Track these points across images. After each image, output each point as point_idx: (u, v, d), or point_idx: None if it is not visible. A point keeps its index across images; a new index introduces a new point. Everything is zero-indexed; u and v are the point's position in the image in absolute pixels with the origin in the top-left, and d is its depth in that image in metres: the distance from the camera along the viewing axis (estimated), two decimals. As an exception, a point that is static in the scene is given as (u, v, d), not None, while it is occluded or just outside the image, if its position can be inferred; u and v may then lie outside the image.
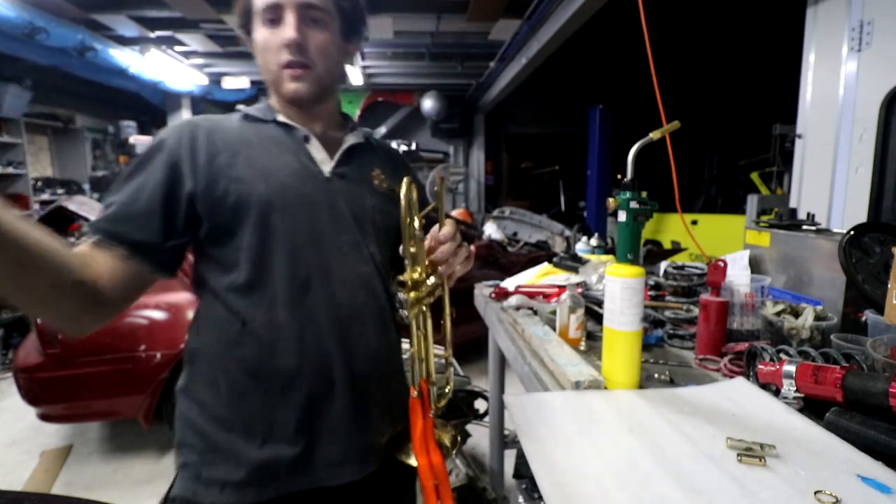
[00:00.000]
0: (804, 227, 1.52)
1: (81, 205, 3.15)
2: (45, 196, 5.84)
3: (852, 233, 1.20)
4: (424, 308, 0.77)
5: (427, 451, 0.75)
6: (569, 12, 3.61)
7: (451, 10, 4.31)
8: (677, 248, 5.64)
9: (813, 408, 0.83)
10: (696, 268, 1.60)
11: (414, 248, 0.76)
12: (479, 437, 2.39)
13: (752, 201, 3.56)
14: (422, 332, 0.78)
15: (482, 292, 1.72)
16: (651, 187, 0.92)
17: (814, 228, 1.50)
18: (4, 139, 5.28)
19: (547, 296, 1.54)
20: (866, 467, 0.66)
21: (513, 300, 1.50)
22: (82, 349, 2.31)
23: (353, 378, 0.84)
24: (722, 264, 1.12)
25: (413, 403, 0.78)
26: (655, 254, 4.68)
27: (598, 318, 1.28)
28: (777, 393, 0.88)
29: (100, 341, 2.33)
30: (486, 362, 1.88)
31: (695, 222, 6.21)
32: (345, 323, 0.83)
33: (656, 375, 1.02)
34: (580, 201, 8.22)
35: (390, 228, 0.92)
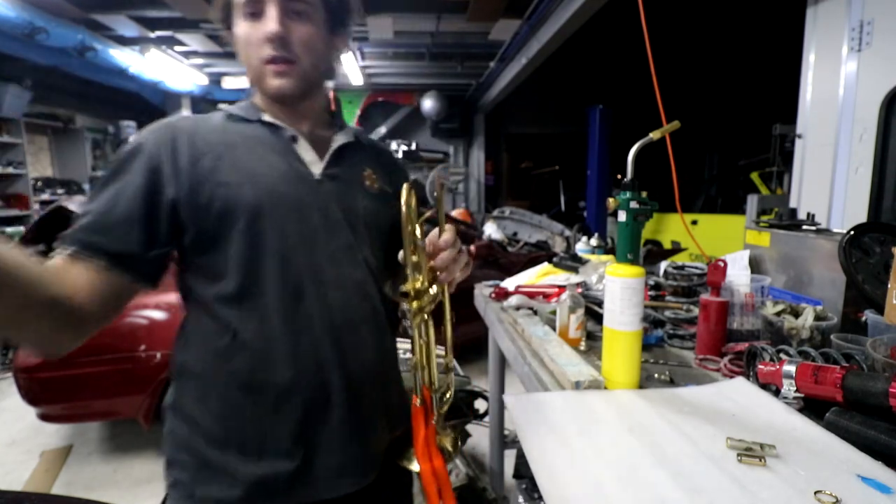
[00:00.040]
0: (804, 227, 1.52)
1: (82, 205, 3.15)
2: (45, 196, 5.85)
3: (852, 233, 1.20)
4: (426, 316, 0.75)
5: (430, 456, 0.74)
6: (569, 12, 3.62)
7: (451, 10, 4.31)
8: (677, 248, 5.64)
9: (813, 408, 0.83)
10: (696, 268, 1.60)
11: (416, 257, 0.74)
12: (479, 437, 2.39)
13: (752, 201, 3.57)
14: (424, 339, 0.76)
15: (482, 292, 1.72)
16: (651, 187, 0.92)
17: (814, 228, 1.50)
18: (4, 139, 5.29)
19: (547, 296, 1.54)
20: (866, 467, 0.66)
21: (513, 300, 1.50)
22: (82, 349, 2.30)
23: (350, 387, 0.81)
24: (722, 264, 1.12)
25: (415, 411, 0.76)
26: (655, 254, 4.67)
27: (598, 318, 1.28)
28: (777, 393, 0.88)
29: (100, 341, 2.33)
30: (486, 362, 1.88)
31: (695, 222, 6.21)
32: (340, 331, 0.81)
33: (656, 375, 1.02)
34: (580, 201, 8.22)
35: (383, 230, 0.90)
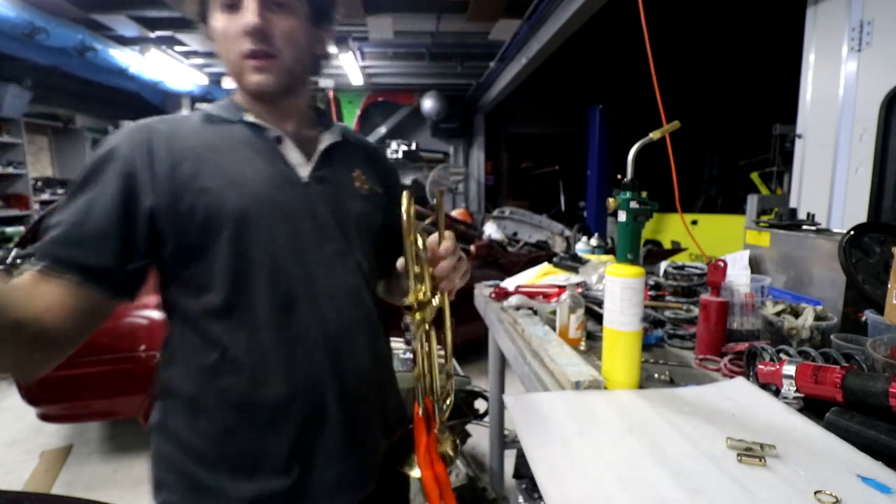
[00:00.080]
0: (804, 227, 1.52)
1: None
2: (45, 196, 5.85)
3: (852, 233, 1.20)
4: (427, 326, 0.73)
5: (431, 463, 0.72)
6: (569, 12, 3.62)
7: (451, 10, 4.31)
8: (677, 248, 5.64)
9: (813, 408, 0.83)
10: (696, 268, 1.60)
11: (418, 269, 0.72)
12: (479, 437, 2.39)
13: (752, 201, 3.57)
14: (426, 349, 0.74)
15: (482, 292, 1.72)
16: (651, 187, 0.92)
17: (814, 228, 1.50)
18: (4, 139, 5.29)
19: (547, 296, 1.53)
20: (866, 467, 0.66)
21: (513, 300, 1.50)
22: (82, 349, 2.30)
23: (346, 398, 0.78)
24: (722, 264, 1.12)
25: (417, 420, 0.74)
26: (655, 254, 4.68)
27: (598, 318, 1.28)
28: (777, 393, 0.88)
29: (100, 341, 2.32)
30: (486, 362, 1.88)
31: (695, 222, 6.21)
32: (335, 341, 0.77)
33: (656, 375, 1.02)
34: (580, 201, 8.22)
35: (373, 231, 0.88)
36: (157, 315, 2.46)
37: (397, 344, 2.00)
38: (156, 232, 0.72)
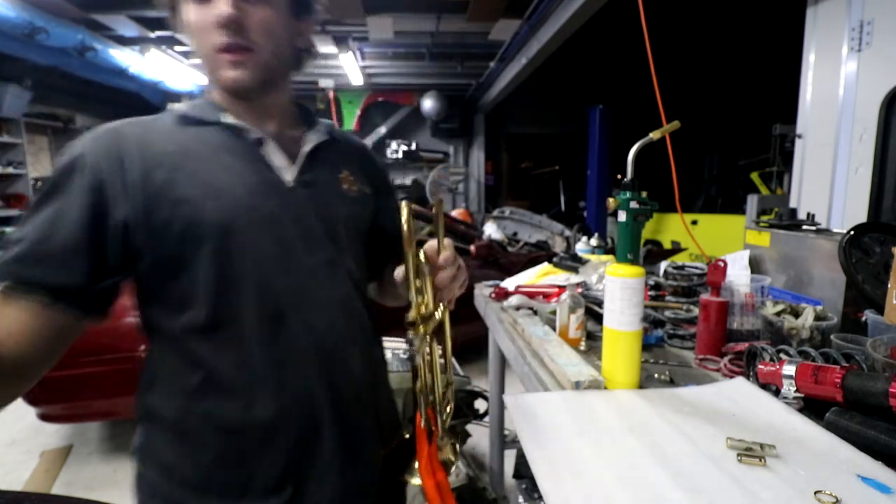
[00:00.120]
0: (804, 227, 1.52)
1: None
2: (45, 196, 5.84)
3: (852, 233, 1.20)
4: (428, 338, 0.70)
5: (433, 472, 0.71)
6: (569, 12, 3.61)
7: (451, 10, 4.31)
8: (677, 248, 5.64)
9: (813, 408, 0.83)
10: (696, 268, 1.60)
11: (419, 282, 0.69)
12: (479, 437, 2.39)
13: (752, 201, 3.57)
14: (427, 361, 0.72)
15: (482, 292, 1.72)
16: (651, 187, 0.92)
17: (814, 228, 1.50)
18: (4, 139, 5.29)
19: (547, 296, 1.53)
20: (866, 467, 0.66)
21: (513, 300, 1.50)
22: (82, 349, 2.31)
23: (340, 412, 0.75)
24: (722, 264, 1.12)
25: (419, 431, 0.72)
26: (655, 254, 4.68)
27: (598, 318, 1.28)
28: (777, 393, 0.88)
29: (100, 341, 2.33)
30: (486, 362, 1.88)
31: (695, 222, 6.22)
32: (326, 355, 0.73)
33: (656, 375, 1.02)
34: (580, 201, 8.22)
35: (362, 234, 0.84)
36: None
37: (396, 344, 2.00)
38: (130, 246, 0.67)
